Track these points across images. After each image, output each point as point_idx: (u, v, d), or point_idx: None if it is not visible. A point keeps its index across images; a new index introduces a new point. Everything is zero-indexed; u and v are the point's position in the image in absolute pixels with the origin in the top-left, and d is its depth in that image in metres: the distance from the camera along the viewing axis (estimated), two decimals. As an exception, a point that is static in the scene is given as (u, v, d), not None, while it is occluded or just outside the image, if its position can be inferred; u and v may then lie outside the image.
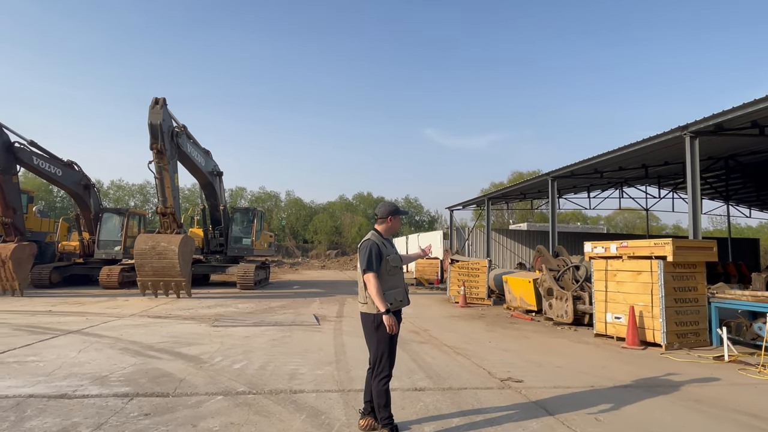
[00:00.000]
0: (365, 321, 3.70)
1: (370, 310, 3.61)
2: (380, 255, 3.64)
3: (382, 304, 3.50)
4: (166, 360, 5.96)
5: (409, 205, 66.53)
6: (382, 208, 3.91)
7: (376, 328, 3.59)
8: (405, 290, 3.85)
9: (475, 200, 24.58)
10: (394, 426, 3.61)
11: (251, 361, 5.94)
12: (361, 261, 3.61)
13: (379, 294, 3.50)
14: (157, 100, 12.96)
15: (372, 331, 3.63)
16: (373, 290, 3.51)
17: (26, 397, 4.26)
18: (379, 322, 3.56)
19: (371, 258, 3.57)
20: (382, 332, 3.57)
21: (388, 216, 3.85)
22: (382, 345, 3.61)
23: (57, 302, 12.16)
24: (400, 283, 3.77)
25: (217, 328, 8.54)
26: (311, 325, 9.02)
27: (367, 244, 3.67)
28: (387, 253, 3.69)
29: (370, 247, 3.62)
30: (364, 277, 3.57)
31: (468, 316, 10.97)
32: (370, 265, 3.55)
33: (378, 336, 3.60)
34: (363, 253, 3.62)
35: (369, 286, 3.54)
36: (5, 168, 13.06)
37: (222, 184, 17.92)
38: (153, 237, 13.24)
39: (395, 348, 3.73)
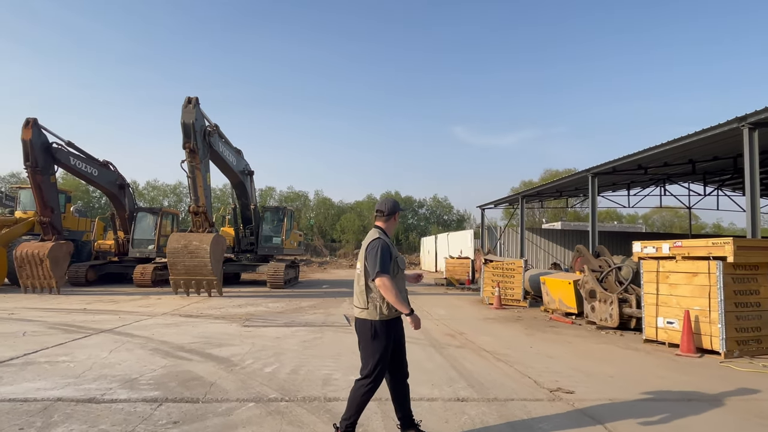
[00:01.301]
0: (362, 328, 3.38)
1: (371, 317, 3.32)
2: (390, 256, 3.35)
3: (404, 306, 3.26)
4: (196, 362, 5.80)
5: (437, 204, 65.87)
6: (386, 204, 3.60)
7: (373, 336, 3.30)
8: (406, 294, 3.53)
9: (508, 198, 23.94)
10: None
11: (283, 365, 5.72)
12: (372, 262, 3.28)
13: (398, 296, 3.23)
14: (190, 100, 13.00)
15: (369, 339, 3.32)
16: (392, 293, 3.21)
17: (54, 400, 4.12)
18: (376, 331, 3.29)
19: (385, 259, 3.27)
20: (380, 341, 3.29)
21: (394, 212, 3.58)
22: (376, 355, 3.29)
23: (92, 300, 12.33)
24: (402, 287, 3.48)
25: (248, 328, 8.39)
26: (342, 326, 8.77)
27: (378, 243, 3.34)
28: (395, 254, 3.42)
29: (381, 247, 3.31)
30: (379, 280, 3.23)
31: (504, 318, 10.53)
32: (385, 267, 3.25)
33: (374, 346, 3.30)
34: (374, 254, 3.29)
35: (385, 289, 3.22)
36: (43, 168, 13.35)
37: (253, 184, 17.94)
38: (185, 236, 13.30)
39: (388, 359, 3.38)
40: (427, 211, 66.31)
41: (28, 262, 13.11)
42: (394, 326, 3.41)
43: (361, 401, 3.32)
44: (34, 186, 13.42)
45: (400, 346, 3.50)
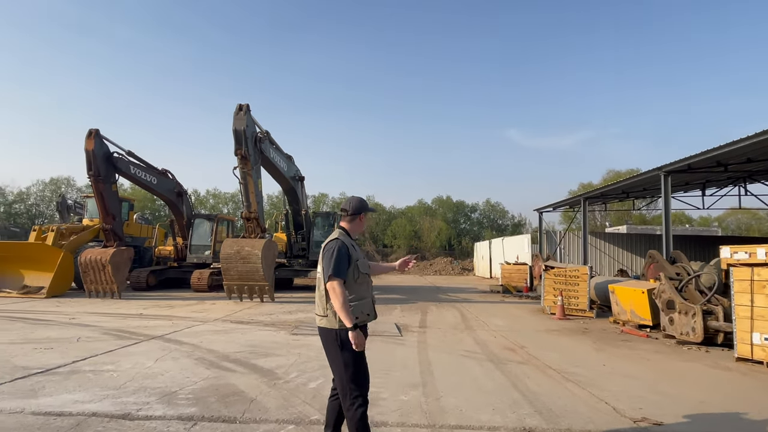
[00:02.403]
0: (326, 338, 3.07)
1: (331, 325, 3.01)
2: (349, 258, 3.05)
3: (348, 318, 2.90)
4: (239, 374, 5.53)
5: (491, 208, 64.19)
6: (352, 202, 3.31)
7: (340, 347, 2.99)
8: (372, 302, 3.23)
9: (568, 201, 22.62)
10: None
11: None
12: (326, 264, 2.99)
13: (345, 305, 2.90)
14: (241, 107, 13.10)
15: (336, 350, 3.01)
16: (339, 301, 2.89)
17: (89, 415, 3.93)
18: (342, 340, 2.97)
19: (339, 261, 2.97)
20: (349, 352, 2.97)
21: (359, 212, 3.29)
22: (350, 367, 2.98)
23: (149, 305, 12.60)
24: (367, 294, 3.18)
25: (296, 337, 8.12)
26: (393, 336, 8.32)
27: (335, 244, 3.05)
28: (356, 257, 3.11)
29: (338, 248, 3.02)
30: (328, 284, 2.94)
31: (569, 330, 9.68)
32: (337, 270, 2.94)
33: (344, 357, 2.98)
34: (329, 256, 3.00)
35: (333, 295, 2.92)
36: (105, 177, 13.89)
37: (304, 189, 17.95)
38: (238, 242, 13.39)
39: (366, 366, 3.10)
40: (479, 216, 64.79)
41: (91, 268, 13.65)
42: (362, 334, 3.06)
43: (359, 418, 2.95)
44: (97, 194, 14.00)
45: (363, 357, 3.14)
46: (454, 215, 62.27)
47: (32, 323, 8.80)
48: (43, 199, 56.69)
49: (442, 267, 38.09)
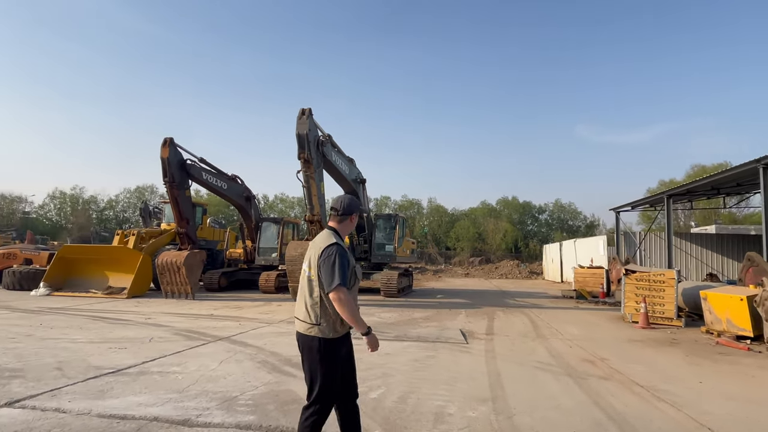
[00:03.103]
0: (308, 347, 2.91)
1: (323, 334, 2.86)
2: (349, 264, 2.91)
3: (361, 325, 2.82)
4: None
5: (561, 209, 61.30)
6: (344, 201, 3.10)
7: (323, 358, 2.87)
8: (357, 307, 3.03)
9: (649, 199, 20.92)
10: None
11: (390, 389, 5.06)
12: (329, 272, 2.78)
13: (355, 314, 2.79)
14: (304, 111, 13.21)
15: (317, 361, 2.87)
16: (349, 310, 2.76)
17: (150, 419, 3.92)
18: (326, 351, 2.86)
19: (343, 269, 2.80)
20: (331, 362, 2.88)
21: (351, 212, 3.10)
22: (328, 378, 2.87)
23: (220, 306, 13.02)
24: (355, 299, 3.05)
25: (357, 341, 7.91)
26: (458, 344, 7.91)
27: (336, 250, 2.84)
28: (353, 263, 2.97)
29: (340, 255, 2.83)
30: (335, 293, 2.74)
31: (654, 341, 8.76)
32: (343, 278, 2.77)
33: (325, 367, 2.87)
34: (330, 263, 2.79)
35: (341, 305, 2.75)
36: (179, 183, 14.57)
37: (365, 192, 17.88)
38: (301, 244, 13.51)
39: (353, 375, 3.06)
40: (548, 217, 62.11)
41: (167, 270, 14.36)
42: (346, 343, 2.99)
43: (312, 428, 2.88)
44: (172, 199, 14.72)
45: (351, 365, 3.08)
46: (520, 216, 60.16)
47: (112, 323, 9.30)
48: (129, 206, 61.45)
49: (509, 270, 36.78)
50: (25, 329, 8.26)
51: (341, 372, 2.97)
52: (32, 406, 4.15)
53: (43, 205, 60.58)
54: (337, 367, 2.92)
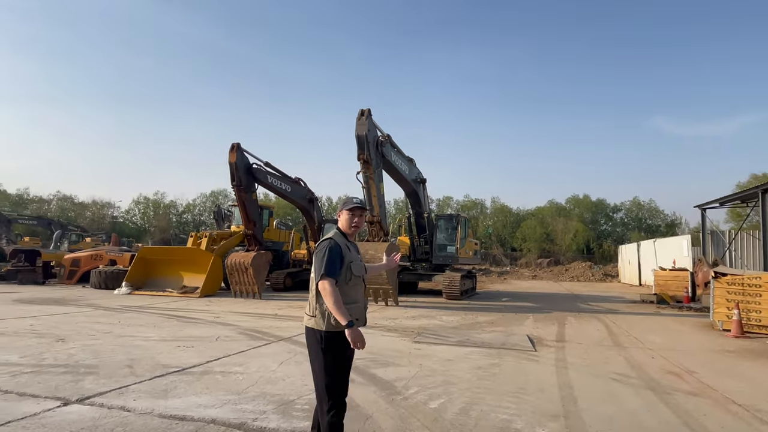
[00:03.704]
0: (310, 339, 3.04)
1: (318, 326, 2.96)
2: (341, 259, 2.98)
3: (342, 316, 2.85)
4: (357, 384, 5.25)
5: (638, 207, 57.42)
6: (348, 202, 3.24)
7: (323, 349, 2.95)
8: (364, 306, 3.18)
9: (740, 194, 18.91)
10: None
11: (451, 399, 4.77)
12: (317, 264, 2.95)
13: (338, 304, 2.85)
14: (363, 112, 13.21)
15: (317, 351, 2.98)
16: (331, 300, 2.85)
17: (208, 422, 3.92)
18: (327, 342, 2.94)
19: (331, 260, 2.93)
20: (330, 355, 2.94)
21: (342, 209, 3.21)
22: (328, 373, 2.94)
23: (284, 306, 13.28)
24: (359, 297, 3.12)
25: (418, 345, 7.71)
26: (525, 351, 7.44)
27: (327, 245, 2.99)
28: (350, 259, 3.05)
29: (330, 248, 2.96)
30: (319, 284, 2.90)
31: (750, 352, 7.79)
32: (329, 269, 2.90)
33: (325, 361, 2.94)
34: (320, 256, 2.96)
35: (324, 294, 2.87)
36: (246, 187, 15.09)
37: (426, 192, 17.61)
38: (362, 245, 13.48)
39: (347, 373, 3.06)
40: (624, 216, 58.42)
41: (236, 270, 14.89)
42: (345, 340, 2.93)
43: (332, 425, 2.91)
44: (240, 203, 15.28)
45: (350, 364, 3.12)
46: (592, 216, 57.08)
47: (183, 321, 9.71)
48: (205, 209, 65.16)
49: (580, 272, 34.91)
50: (105, 327, 8.80)
51: (346, 366, 3.01)
52: (100, 403, 4.30)
53: (129, 210, 65.81)
54: (335, 360, 2.93)
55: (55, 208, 62.33)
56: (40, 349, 6.58)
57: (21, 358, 6.00)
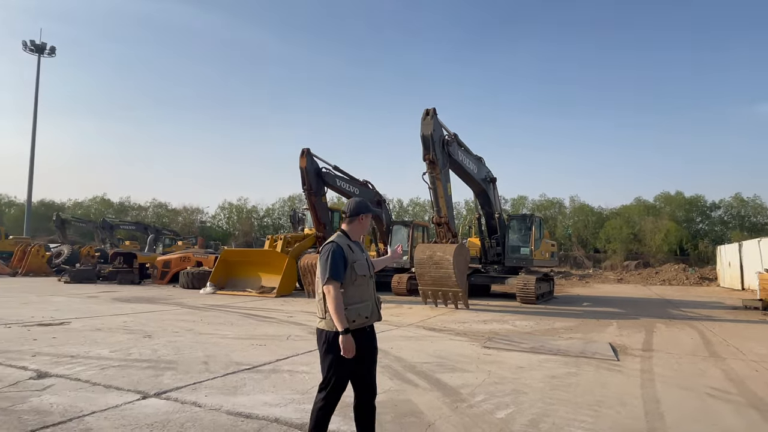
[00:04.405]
0: (318, 339, 3.18)
1: (328, 327, 3.06)
2: (345, 261, 3.09)
3: (340, 322, 2.94)
4: (421, 389, 5.12)
5: (741, 204, 51.80)
6: (351, 205, 3.35)
7: (327, 349, 3.07)
8: (375, 303, 3.27)
9: None
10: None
11: (520, 409, 4.49)
12: (322, 268, 3.09)
13: (338, 309, 2.95)
14: (428, 111, 13.07)
15: (324, 352, 3.11)
16: (332, 304, 2.96)
17: (272, 420, 3.98)
18: (329, 342, 3.05)
19: (335, 264, 3.03)
20: (332, 356, 3.04)
21: (359, 214, 3.29)
22: (334, 369, 3.08)
23: (354, 307, 13.43)
24: (368, 296, 3.21)
25: (487, 351, 7.41)
26: (606, 360, 6.89)
27: (330, 248, 3.11)
28: (353, 259, 3.14)
29: (333, 252, 3.08)
30: (325, 287, 3.03)
31: None
32: (333, 273, 3.01)
33: (330, 358, 3.06)
34: (324, 259, 3.09)
35: (328, 297, 2.99)
36: (316, 190, 15.52)
37: (496, 191, 17.07)
38: (430, 247, 13.35)
39: (346, 375, 3.14)
40: (723, 214, 53.01)
41: (308, 271, 15.33)
42: (359, 339, 3.04)
43: (317, 417, 3.15)
44: (310, 206, 15.75)
45: (367, 361, 3.20)
46: (686, 214, 52.37)
47: (259, 320, 10.13)
48: (283, 213, 68.18)
49: (672, 275, 32.11)
50: (188, 324, 9.38)
51: (350, 367, 3.07)
52: (175, 398, 4.53)
53: (215, 215, 70.44)
54: (343, 360, 3.00)
55: (152, 214, 68.16)
56: (128, 344, 7.13)
57: (111, 352, 6.53)
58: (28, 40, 46.88)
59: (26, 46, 46.82)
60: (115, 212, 63.41)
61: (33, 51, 46.77)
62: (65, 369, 5.46)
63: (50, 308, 11.19)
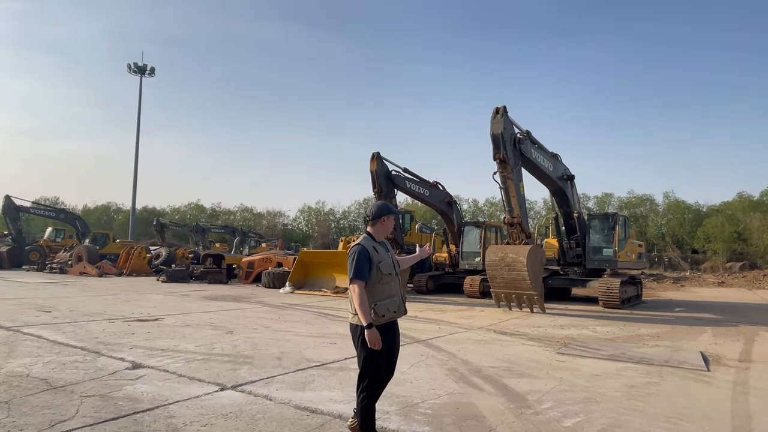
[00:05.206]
0: (352, 334, 3.49)
1: (359, 322, 3.32)
2: (370, 261, 3.36)
3: (364, 318, 3.24)
4: (486, 393, 5.05)
5: None
6: (371, 208, 3.61)
7: (361, 342, 3.34)
8: (401, 299, 3.54)
9: None
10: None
11: (590, 419, 4.29)
12: (349, 268, 3.37)
13: (363, 305, 3.25)
14: (498, 109, 12.77)
15: (359, 345, 3.37)
16: (357, 301, 3.27)
17: (335, 416, 4.14)
18: (362, 337, 3.30)
19: (359, 265, 3.33)
20: (366, 349, 3.30)
21: (380, 216, 3.54)
22: (369, 361, 3.34)
23: (424, 308, 13.45)
24: (395, 292, 3.50)
25: (561, 357, 7.11)
26: (695, 370, 6.34)
27: (356, 249, 3.40)
28: (378, 259, 3.40)
29: (358, 253, 3.37)
30: (351, 285, 3.33)
31: None
32: (357, 274, 3.31)
33: (363, 352, 3.34)
34: (351, 260, 3.37)
35: (353, 295, 3.29)
36: (386, 193, 15.75)
37: (574, 189, 16.26)
38: (502, 248, 13.01)
39: (387, 366, 3.45)
40: None
41: (380, 273, 15.59)
42: (388, 331, 3.39)
43: (363, 408, 3.38)
44: (381, 208, 15.97)
45: (394, 350, 3.55)
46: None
47: (331, 319, 10.49)
48: (358, 216, 69.79)
49: (784, 278, 28.58)
50: (267, 322, 9.94)
51: (384, 356, 3.35)
52: (249, 391, 4.85)
53: (296, 218, 73.74)
54: (375, 352, 3.28)
55: (239, 218, 72.76)
56: (212, 339, 7.71)
57: (197, 347, 7.10)
58: (132, 63, 52.09)
59: (130, 68, 52.03)
60: (208, 217, 68.50)
61: (136, 72, 51.85)
62: (156, 361, 6.05)
63: (148, 305, 12.38)
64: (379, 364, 3.37)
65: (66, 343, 7.00)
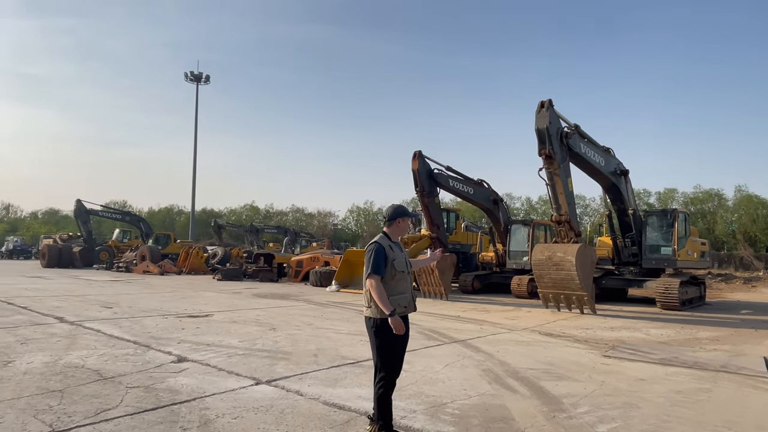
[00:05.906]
0: (367, 325, 3.64)
1: (372, 315, 3.53)
2: (386, 258, 3.55)
3: (385, 307, 3.42)
4: (519, 396, 4.92)
5: None
6: (388, 210, 3.82)
7: (375, 333, 3.53)
8: (412, 296, 3.74)
9: None
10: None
11: (627, 424, 4.08)
12: (366, 264, 3.55)
13: (382, 297, 3.43)
14: (543, 103, 12.36)
15: (373, 336, 3.57)
16: (376, 293, 3.44)
17: (362, 413, 4.16)
18: (377, 327, 3.51)
19: (377, 261, 3.52)
20: (381, 338, 3.50)
21: (396, 218, 3.76)
22: (382, 351, 3.54)
23: (469, 308, 13.27)
24: (406, 289, 3.69)
25: (607, 360, 6.81)
26: (755, 376, 5.89)
27: (373, 247, 3.60)
28: (393, 257, 3.59)
29: (376, 250, 3.56)
30: (368, 281, 3.50)
31: None
32: (374, 269, 3.50)
33: (377, 341, 3.53)
34: (368, 257, 3.56)
35: (372, 289, 3.46)
36: (429, 192, 15.64)
37: (629, 184, 15.44)
38: (549, 247, 12.59)
39: (399, 356, 3.63)
40: None
41: (423, 272, 15.51)
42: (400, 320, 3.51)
43: (379, 396, 3.55)
44: (423, 207, 15.90)
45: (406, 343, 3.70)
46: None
47: (372, 318, 10.58)
48: (403, 216, 70.06)
49: None
50: (309, 319, 10.17)
51: (398, 346, 3.56)
52: (282, 386, 4.98)
53: (345, 218, 74.92)
54: (389, 343, 3.49)
55: (291, 218, 74.85)
56: (255, 335, 7.99)
57: (239, 342, 7.38)
58: (188, 72, 54.73)
59: (187, 76, 54.65)
60: (262, 218, 70.93)
61: (192, 80, 54.40)
62: (200, 355, 6.34)
63: (201, 302, 12.99)
64: (394, 353, 3.55)
65: (121, 337, 7.49)
